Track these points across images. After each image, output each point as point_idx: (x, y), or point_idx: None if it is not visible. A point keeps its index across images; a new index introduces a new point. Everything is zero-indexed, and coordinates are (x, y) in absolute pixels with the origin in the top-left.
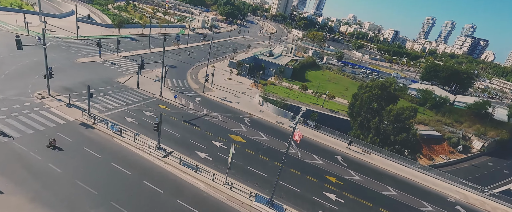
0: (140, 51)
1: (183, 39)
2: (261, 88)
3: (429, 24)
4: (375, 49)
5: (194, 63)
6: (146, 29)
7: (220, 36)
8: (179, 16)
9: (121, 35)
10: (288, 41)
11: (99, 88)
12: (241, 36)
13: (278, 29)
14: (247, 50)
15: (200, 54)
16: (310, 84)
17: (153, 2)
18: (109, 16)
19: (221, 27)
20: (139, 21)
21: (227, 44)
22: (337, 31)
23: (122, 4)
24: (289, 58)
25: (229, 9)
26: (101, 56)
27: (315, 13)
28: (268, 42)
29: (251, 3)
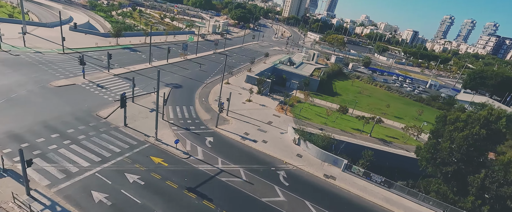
0: (138, 66)
1: (192, 48)
2: (290, 113)
3: (447, 24)
4: (400, 53)
5: (205, 79)
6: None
7: (233, 42)
8: (187, 21)
9: (119, 46)
10: (306, 45)
11: (66, 131)
12: (256, 42)
13: (292, 33)
14: (265, 59)
15: (211, 66)
16: (341, 99)
17: (162, 8)
18: (111, 24)
19: (233, 32)
20: (144, 28)
21: (241, 51)
22: (352, 33)
23: (127, 10)
24: (312, 66)
25: (240, 13)
26: (87, 76)
27: (328, 14)
28: (285, 48)
29: (263, 6)
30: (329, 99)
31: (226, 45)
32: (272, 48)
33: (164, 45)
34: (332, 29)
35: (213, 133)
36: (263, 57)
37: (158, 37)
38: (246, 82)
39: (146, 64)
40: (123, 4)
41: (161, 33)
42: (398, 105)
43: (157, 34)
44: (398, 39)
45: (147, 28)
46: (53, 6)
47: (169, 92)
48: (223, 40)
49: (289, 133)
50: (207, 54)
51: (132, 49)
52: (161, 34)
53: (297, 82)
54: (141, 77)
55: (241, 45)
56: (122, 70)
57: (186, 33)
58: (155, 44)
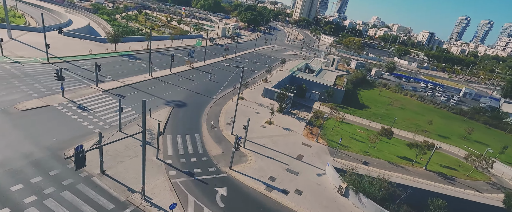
0: (135, 78)
1: (200, 53)
2: (322, 139)
3: (463, 25)
4: (420, 56)
5: (214, 93)
6: (154, 42)
7: (244, 46)
8: (195, 24)
9: (117, 53)
10: (321, 49)
11: (8, 190)
12: (268, 46)
13: (304, 36)
14: (281, 66)
15: (222, 75)
16: (370, 112)
17: (169, 10)
18: (113, 27)
19: (244, 35)
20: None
21: (253, 57)
22: (366, 35)
23: (133, 13)
24: (333, 73)
25: (251, 15)
26: (68, 93)
27: (339, 16)
28: (300, 52)
29: (272, 8)
30: (357, 113)
31: (237, 50)
32: (286, 52)
33: (169, 51)
34: (345, 31)
35: (227, 179)
36: (279, 63)
37: (162, 42)
38: (263, 96)
39: (145, 75)
40: (129, 7)
41: (166, 37)
42: (437, 120)
43: (161, 39)
44: (413, 41)
45: (155, 32)
46: (54, 10)
47: (169, 114)
48: (234, 45)
49: (329, 174)
50: (216, 61)
51: (131, 56)
52: (166, 38)
53: (319, 93)
54: (137, 94)
55: (253, 49)
56: (115, 84)
57: (194, 37)
58: (159, 51)
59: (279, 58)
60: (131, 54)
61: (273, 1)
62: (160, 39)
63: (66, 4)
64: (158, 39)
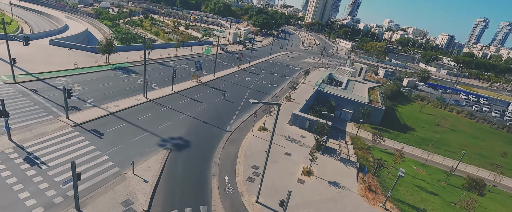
0: (124, 102)
1: (209, 64)
2: (391, 203)
3: (481, 27)
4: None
5: (227, 123)
6: (157, 51)
7: (258, 53)
8: (205, 29)
9: (110, 66)
10: (340, 55)
11: None
12: (284, 52)
13: (319, 40)
14: (304, 78)
15: (236, 92)
16: (418, 137)
17: (177, 15)
18: (114, 34)
19: (256, 40)
20: (154, 38)
21: (270, 67)
22: (382, 39)
23: (138, 18)
24: (363, 85)
25: (263, 19)
26: (20, 133)
27: (352, 19)
28: (319, 59)
29: (284, 12)
30: (402, 137)
31: (252, 58)
32: (304, 60)
33: (174, 62)
34: (361, 35)
35: None
36: (301, 74)
37: (167, 51)
38: (291, 124)
39: (139, 96)
40: (135, 12)
41: (170, 45)
42: (507, 148)
43: (164, 47)
44: (432, 45)
45: (159, 38)
46: (53, 15)
47: (164, 165)
48: (247, 52)
49: None
50: (228, 73)
51: (126, 70)
52: (171, 46)
53: (352, 111)
54: (122, 128)
55: (268, 57)
56: (94, 113)
57: (202, 44)
58: (162, 61)
59: (298, 67)
60: (127, 66)
61: (284, 4)
62: (163, 47)
63: (68, 9)
64: (161, 47)
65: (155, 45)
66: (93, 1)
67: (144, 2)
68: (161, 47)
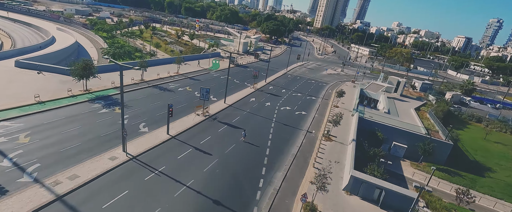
0: (86, 169)
1: (217, 85)
2: None
3: (495, 27)
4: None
5: (252, 200)
6: (154, 69)
7: (273, 65)
8: (211, 38)
9: (87, 95)
10: (362, 63)
11: None
12: (300, 63)
13: (332, 46)
14: (338, 100)
15: (255, 127)
16: (500, 181)
17: (182, 23)
18: (105, 49)
19: (267, 49)
20: (154, 50)
21: (290, 83)
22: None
23: (138, 28)
24: (404, 104)
25: (273, 26)
26: None
27: (362, 23)
28: (341, 70)
29: (292, 17)
30: (481, 183)
31: (266, 73)
32: (325, 71)
33: (174, 83)
34: (374, 39)
35: None
36: (329, 93)
37: (166, 68)
38: (349, 192)
39: (113, 152)
40: (136, 21)
41: (171, 60)
42: None
43: (162, 63)
44: (448, 48)
45: (158, 50)
46: (43, 28)
47: None
48: (260, 65)
49: None
50: (243, 97)
51: (108, 100)
52: (171, 61)
53: (406, 146)
54: None
55: (285, 70)
56: (32, 199)
57: (208, 56)
58: (159, 83)
59: (322, 82)
60: (111, 94)
61: (291, 9)
62: (162, 63)
63: (62, 20)
64: (159, 64)
65: (153, 62)
66: (93, 11)
67: (147, 11)
68: (159, 63)
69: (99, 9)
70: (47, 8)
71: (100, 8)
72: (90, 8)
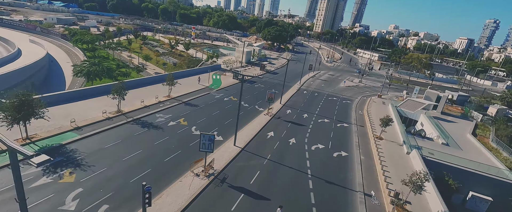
0: None
1: (221, 113)
2: None
3: (492, 28)
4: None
5: None
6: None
7: (281, 78)
8: (209, 47)
9: (28, 147)
10: (379, 72)
11: None
12: (313, 73)
13: (334, 51)
14: (383, 130)
15: (282, 184)
16: None
17: (176, 31)
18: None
19: (271, 57)
20: (144, 63)
21: (310, 103)
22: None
23: (126, 38)
24: (455, 126)
25: (275, 31)
26: None
27: (362, 26)
28: (359, 81)
29: (291, 22)
30: None
31: (277, 88)
32: (343, 84)
33: (163, 114)
34: (377, 43)
35: None
36: (365, 117)
37: (153, 90)
38: None
39: None
40: (124, 30)
41: (160, 79)
42: None
43: (148, 83)
44: (451, 50)
45: (148, 63)
46: (10, 40)
47: None
48: (269, 79)
49: None
50: (257, 132)
51: (61, 153)
52: (160, 80)
53: (490, 198)
54: None
55: (298, 84)
56: None
57: (208, 70)
58: (141, 115)
59: (345, 98)
60: (65, 142)
61: (289, 14)
62: (149, 83)
63: (39, 30)
64: (144, 84)
65: (136, 83)
66: (78, 19)
67: (139, 18)
68: (145, 83)
69: (85, 17)
70: (25, 17)
71: (86, 17)
72: (74, 16)
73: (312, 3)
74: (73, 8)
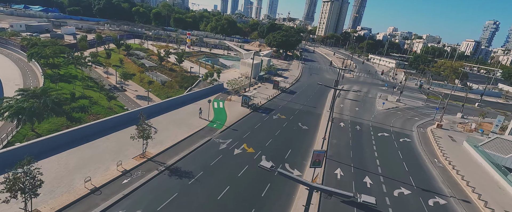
0: None
1: (234, 190)
2: None
3: (491, 29)
4: None
5: None
6: (88, 156)
7: (303, 100)
8: (207, 56)
9: None
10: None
11: None
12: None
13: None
14: (483, 204)
15: None
16: None
17: (169, 37)
18: (8, 101)
19: (281, 69)
20: (122, 82)
21: (361, 155)
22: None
23: (107, 48)
24: None
25: (282, 37)
26: None
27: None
28: (396, 100)
29: (292, 25)
30: None
31: (303, 118)
32: (381, 106)
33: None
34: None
35: None
36: (437, 174)
37: (120, 143)
38: None
39: None
40: (106, 37)
41: (132, 117)
42: None
43: (109, 129)
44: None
45: (128, 83)
46: None
47: None
48: (285, 97)
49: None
50: None
51: None
52: (133, 119)
53: None
54: None
55: (327, 111)
56: None
57: (205, 94)
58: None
59: (400, 133)
60: None
61: (289, 17)
62: (115, 128)
63: None
64: (106, 131)
65: (91, 130)
66: (55, 26)
67: (128, 24)
68: (107, 129)
69: (63, 23)
70: None
71: (64, 23)
72: (49, 22)
73: (310, 6)
74: (52, 13)
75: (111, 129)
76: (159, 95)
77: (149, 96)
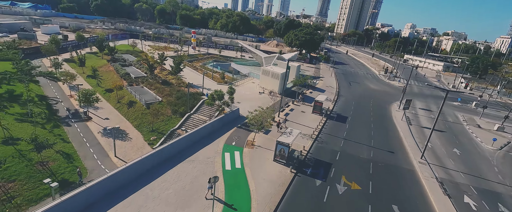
0: None
1: None
2: None
3: None
4: None
5: None
6: None
7: (361, 135)
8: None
9: None
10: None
11: None
12: (397, 106)
13: (377, 59)
14: None
15: None
16: None
17: (172, 37)
18: None
19: (311, 77)
20: (94, 105)
21: None
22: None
23: (86, 52)
24: None
25: (305, 35)
26: None
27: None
28: (501, 128)
29: (309, 22)
30: None
31: (381, 178)
32: (493, 145)
33: None
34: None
35: None
36: None
37: None
38: None
39: None
40: (91, 38)
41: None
42: None
43: None
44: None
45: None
46: None
47: None
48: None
49: None
50: None
51: None
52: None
53: None
54: None
55: (409, 152)
56: None
57: (210, 135)
58: None
59: None
60: None
61: (303, 14)
62: None
63: None
64: None
65: None
66: (38, 23)
67: (125, 22)
68: None
69: (47, 21)
70: None
71: (47, 20)
72: (29, 21)
73: (324, 2)
74: (42, 10)
75: None
76: (140, 126)
77: (125, 131)
